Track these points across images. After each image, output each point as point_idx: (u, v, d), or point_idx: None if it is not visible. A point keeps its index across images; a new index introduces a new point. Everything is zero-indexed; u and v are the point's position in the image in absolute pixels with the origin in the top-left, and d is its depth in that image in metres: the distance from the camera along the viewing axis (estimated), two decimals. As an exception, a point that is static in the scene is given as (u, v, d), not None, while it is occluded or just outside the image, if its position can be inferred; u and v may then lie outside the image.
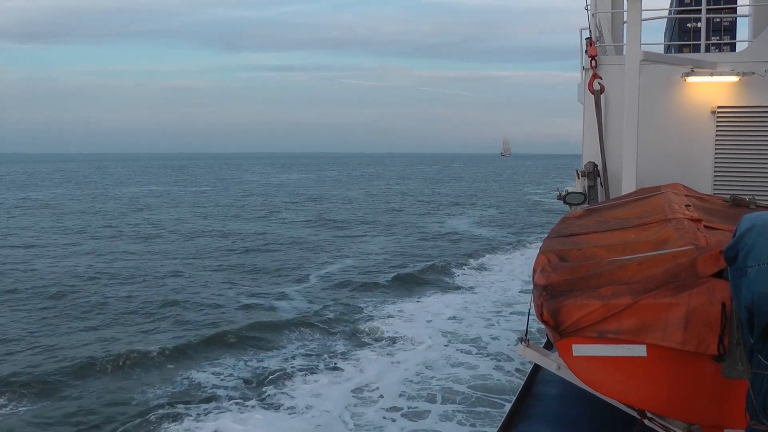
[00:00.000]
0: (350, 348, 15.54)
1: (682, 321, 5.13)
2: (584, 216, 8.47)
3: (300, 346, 15.76)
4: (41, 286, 22.25)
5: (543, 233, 33.79)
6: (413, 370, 13.92)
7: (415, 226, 40.08)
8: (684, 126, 11.62)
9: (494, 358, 14.81)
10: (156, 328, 17.69)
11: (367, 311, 19.00)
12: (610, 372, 5.45)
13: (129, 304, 19.97)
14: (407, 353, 15.02)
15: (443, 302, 20.20)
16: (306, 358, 14.75)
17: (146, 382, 13.54)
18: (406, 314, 18.62)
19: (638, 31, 10.21)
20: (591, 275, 5.67)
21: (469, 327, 17.35)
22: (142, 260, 27.74)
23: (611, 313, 5.29)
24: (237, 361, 14.65)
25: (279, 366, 14.17)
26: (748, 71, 11.13)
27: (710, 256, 5.31)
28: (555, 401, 8.50)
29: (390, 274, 24.02)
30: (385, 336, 16.29)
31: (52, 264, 26.70)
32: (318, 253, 29.75)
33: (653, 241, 6.26)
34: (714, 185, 11.45)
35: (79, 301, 20.47)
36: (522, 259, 27.57)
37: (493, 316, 18.46)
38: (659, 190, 8.73)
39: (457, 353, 15.12)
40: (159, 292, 21.59)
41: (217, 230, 38.08)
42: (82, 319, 18.46)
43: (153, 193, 70.71)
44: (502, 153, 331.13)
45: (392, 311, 19.01)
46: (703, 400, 5.34)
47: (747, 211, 7.76)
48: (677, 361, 5.24)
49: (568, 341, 5.47)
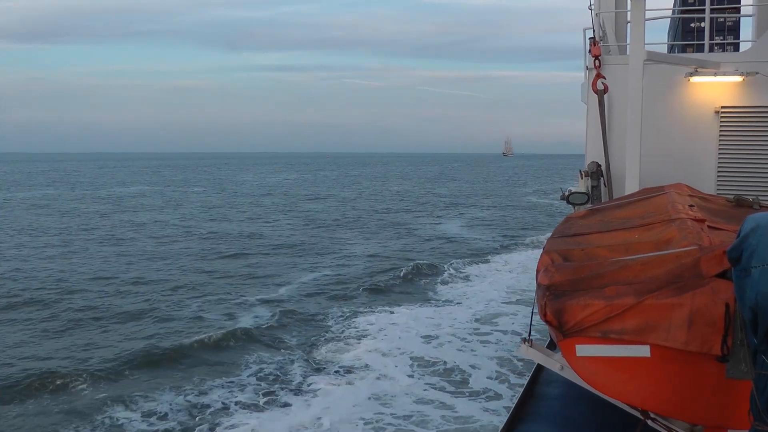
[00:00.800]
0: (307, 373, 13.76)
1: (685, 321, 5.13)
2: (588, 216, 8.47)
3: (253, 373, 13.91)
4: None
5: (537, 237, 33.57)
6: (367, 406, 11.95)
7: (405, 229, 38.71)
8: (687, 126, 11.61)
9: (473, 395, 12.46)
10: (95, 343, 15.80)
11: (335, 329, 17.17)
12: (614, 372, 5.45)
13: (75, 314, 18.37)
14: (366, 383, 13.08)
15: (420, 316, 18.34)
16: (255, 390, 12.95)
17: (58, 422, 11.53)
18: (376, 330, 16.77)
19: (642, 30, 10.21)
20: (594, 275, 5.66)
21: (442, 349, 15.18)
22: (107, 265, 26.26)
23: (615, 314, 5.28)
24: (177, 394, 12.66)
25: (222, 400, 12.36)
26: (751, 71, 11.13)
27: (714, 256, 5.30)
28: (558, 401, 8.49)
29: (367, 283, 22.53)
30: (345, 362, 14.42)
31: (10, 268, 25.24)
32: (295, 258, 28.33)
33: (657, 242, 6.26)
34: (717, 185, 11.44)
35: (19, 309, 18.88)
36: (510, 267, 25.96)
37: (471, 335, 16.35)
38: (663, 190, 8.72)
39: (424, 386, 12.97)
40: (112, 301, 20.03)
41: (196, 233, 36.31)
42: (14, 332, 16.70)
43: (142, 194, 69.36)
44: (504, 153, 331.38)
45: (361, 327, 17.23)
46: (706, 400, 5.34)
47: (751, 211, 7.75)
48: (681, 361, 5.23)
49: (571, 341, 5.46)
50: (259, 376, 13.67)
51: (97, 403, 12.25)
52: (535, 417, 8.09)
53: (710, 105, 11.48)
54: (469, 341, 15.88)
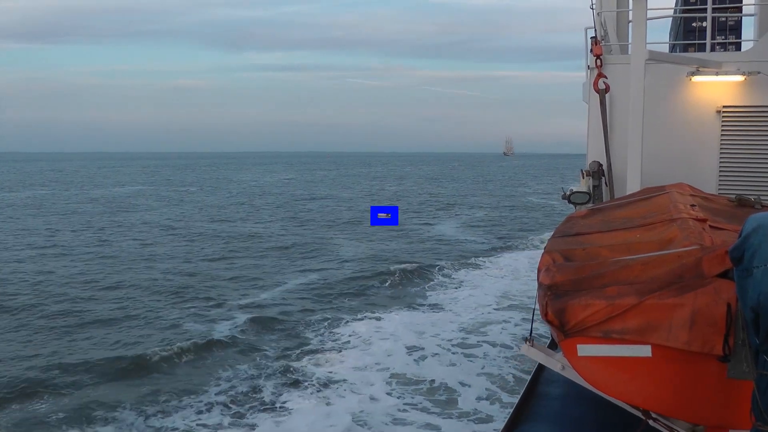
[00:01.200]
0: (281, 390, 12.96)
1: (687, 321, 5.12)
2: (589, 216, 8.46)
3: (223, 390, 13.07)
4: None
5: (533, 240, 33.32)
6: (343, 427, 11.17)
7: (398, 230, 37.35)
8: (689, 125, 11.59)
9: (462, 416, 11.54)
10: (59, 353, 14.99)
11: (316, 340, 16.28)
12: (615, 372, 5.44)
13: (45, 322, 17.60)
14: (344, 402, 12.30)
15: (407, 324, 17.38)
16: (222, 410, 12.11)
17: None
18: (359, 341, 16.00)
19: (643, 30, 10.19)
20: (596, 275, 5.66)
21: (428, 364, 14.26)
22: (88, 267, 25.52)
23: (616, 313, 5.28)
24: (138, 414, 11.84)
25: (187, 423, 11.52)
26: (753, 71, 11.11)
27: (716, 256, 5.29)
28: (559, 401, 8.49)
29: (354, 288, 21.89)
30: (323, 376, 13.59)
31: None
32: (283, 261, 27.52)
33: (658, 241, 6.25)
34: (719, 185, 11.43)
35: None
36: (503, 272, 25.07)
37: (459, 347, 15.39)
38: (664, 189, 8.71)
39: (406, 407, 12.11)
40: (86, 306, 19.24)
41: (183, 234, 35.33)
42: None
43: (137, 194, 68.61)
44: (505, 152, 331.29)
45: (344, 337, 16.45)
46: (707, 400, 5.33)
47: (752, 211, 7.73)
48: (682, 361, 5.22)
49: (572, 341, 5.46)
50: (230, 394, 12.86)
51: (51, 423, 11.44)
52: (537, 417, 8.09)
53: (712, 104, 11.47)
54: (457, 353, 15.08)
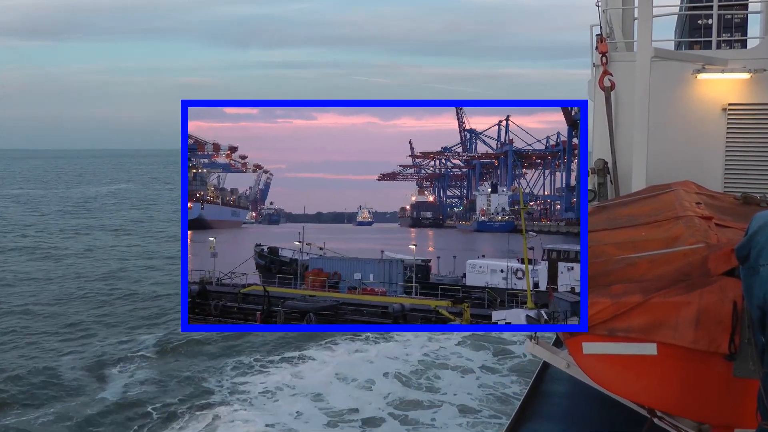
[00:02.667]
0: None
1: (693, 319, 5.11)
2: (594, 213, 8.44)
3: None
4: None
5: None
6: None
7: None
8: (695, 123, 11.56)
9: None
10: None
11: (219, 395, 13.52)
12: (620, 370, 5.43)
13: None
14: None
15: (336, 365, 14.20)
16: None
17: None
18: (269, 396, 13.33)
19: (649, 27, 10.16)
20: (601, 273, 5.65)
21: None
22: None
23: (622, 311, 5.27)
24: None
25: None
26: (759, 68, 11.07)
27: (722, 254, 5.28)
28: (564, 399, 8.49)
29: None
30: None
31: None
32: None
33: (664, 239, 6.23)
34: (725, 183, 11.39)
35: None
36: None
37: (398, 409, 12.12)
38: (670, 187, 8.69)
39: None
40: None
41: (135, 244, 33.48)
42: None
43: (115, 193, 67.40)
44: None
45: (254, 389, 13.66)
46: (713, 399, 5.32)
47: (758, 209, 7.71)
48: (688, 359, 5.21)
49: (578, 339, 5.45)
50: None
51: None
52: (541, 414, 8.10)
53: (717, 102, 11.43)
54: (393, 414, 11.74)
